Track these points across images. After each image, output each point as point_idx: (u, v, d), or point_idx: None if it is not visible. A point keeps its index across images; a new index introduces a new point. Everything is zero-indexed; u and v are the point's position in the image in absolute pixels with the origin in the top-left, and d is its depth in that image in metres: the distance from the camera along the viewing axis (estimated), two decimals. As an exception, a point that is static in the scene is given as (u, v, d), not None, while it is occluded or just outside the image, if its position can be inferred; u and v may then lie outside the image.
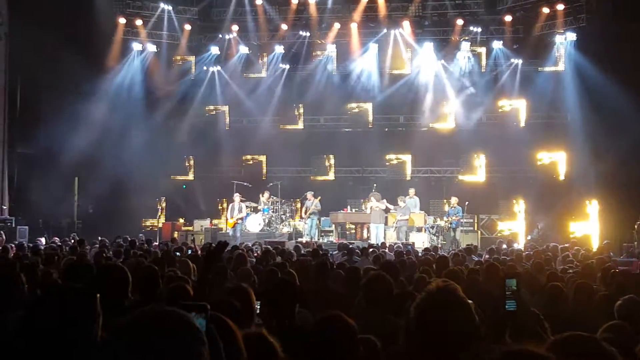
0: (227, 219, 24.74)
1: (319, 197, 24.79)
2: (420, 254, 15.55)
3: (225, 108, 28.86)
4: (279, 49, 28.04)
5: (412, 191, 25.03)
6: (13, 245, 16.37)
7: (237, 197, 24.31)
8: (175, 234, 25.24)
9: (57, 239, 19.92)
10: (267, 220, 24.66)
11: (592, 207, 23.82)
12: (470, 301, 3.36)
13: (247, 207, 24.72)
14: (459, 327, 3.22)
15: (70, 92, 23.47)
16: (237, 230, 23.82)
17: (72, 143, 24.23)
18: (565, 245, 18.76)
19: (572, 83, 25.16)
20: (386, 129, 28.67)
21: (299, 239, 23.10)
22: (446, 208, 25.59)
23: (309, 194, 24.93)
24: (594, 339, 3.02)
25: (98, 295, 2.81)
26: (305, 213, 24.89)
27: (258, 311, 5.68)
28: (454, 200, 24.23)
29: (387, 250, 16.59)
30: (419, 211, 24.82)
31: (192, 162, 28.75)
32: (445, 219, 24.12)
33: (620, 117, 22.20)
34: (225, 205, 27.04)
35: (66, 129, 24.27)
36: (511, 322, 4.41)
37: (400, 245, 19.02)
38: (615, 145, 22.36)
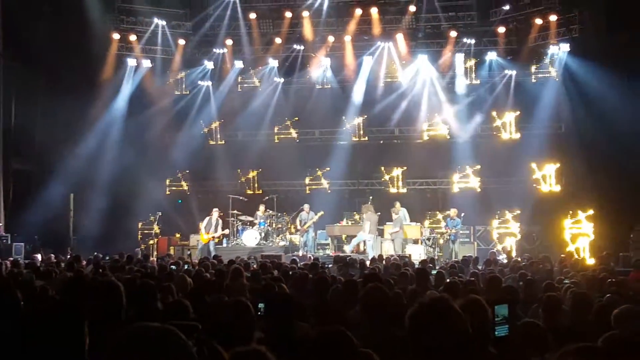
0: (201, 233, 23.93)
1: (321, 212, 24.74)
2: (416, 266, 15.49)
3: (220, 122, 28.83)
4: (273, 63, 28.08)
5: (397, 204, 24.77)
6: (8, 262, 16.31)
7: (215, 212, 23.93)
8: (172, 249, 25.18)
9: (52, 256, 19.87)
10: (263, 234, 24.59)
11: (588, 217, 23.85)
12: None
13: (240, 221, 24.70)
14: (452, 335, 3.25)
15: (66, 108, 23.42)
16: (211, 246, 23.47)
17: (67, 159, 24.22)
18: (562, 255, 18.80)
19: (566, 93, 25.23)
20: (381, 141, 28.71)
21: (295, 253, 23.08)
22: (440, 220, 25.59)
23: (306, 207, 24.90)
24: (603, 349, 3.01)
25: (85, 311, 2.81)
26: (302, 226, 24.78)
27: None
28: (452, 211, 24.18)
29: (384, 263, 16.58)
30: (410, 223, 24.70)
31: (187, 177, 28.64)
32: (443, 228, 24.07)
33: (615, 127, 22.29)
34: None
35: (62, 145, 24.28)
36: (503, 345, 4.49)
37: (397, 257, 19.01)
38: (610, 155, 22.43)
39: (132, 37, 26.95)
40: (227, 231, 24.14)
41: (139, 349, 2.00)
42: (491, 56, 26.73)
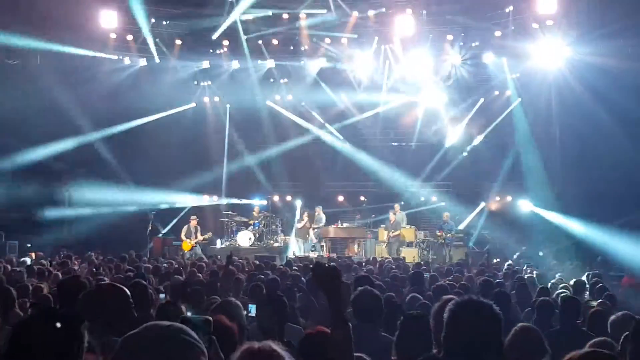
0: (182, 240, 23.95)
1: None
2: (410, 270, 15.47)
3: (217, 122, 28.80)
4: (270, 63, 28.00)
5: (397, 207, 24.84)
6: (2, 260, 16.27)
7: (193, 220, 23.89)
8: (166, 249, 25.11)
9: (41, 254, 19.79)
10: (257, 235, 24.61)
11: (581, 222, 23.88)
12: None
13: (235, 222, 24.71)
14: (490, 335, 3.26)
15: (60, 108, 23.33)
16: (198, 250, 23.47)
17: (62, 155, 24.18)
18: (554, 262, 18.85)
19: (564, 86, 24.93)
20: (378, 144, 28.71)
21: (289, 254, 23.10)
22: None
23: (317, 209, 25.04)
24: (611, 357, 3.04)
25: (84, 320, 2.79)
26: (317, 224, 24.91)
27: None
28: (445, 215, 24.20)
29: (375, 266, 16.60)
30: (407, 226, 24.76)
31: (183, 178, 28.53)
32: (438, 233, 24.01)
33: (609, 121, 22.20)
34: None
35: (57, 141, 24.23)
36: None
37: (391, 260, 19.01)
38: (606, 152, 22.37)
39: (129, 37, 26.79)
40: (209, 234, 24.02)
41: (150, 349, 2.02)
42: (489, 55, 26.21)
